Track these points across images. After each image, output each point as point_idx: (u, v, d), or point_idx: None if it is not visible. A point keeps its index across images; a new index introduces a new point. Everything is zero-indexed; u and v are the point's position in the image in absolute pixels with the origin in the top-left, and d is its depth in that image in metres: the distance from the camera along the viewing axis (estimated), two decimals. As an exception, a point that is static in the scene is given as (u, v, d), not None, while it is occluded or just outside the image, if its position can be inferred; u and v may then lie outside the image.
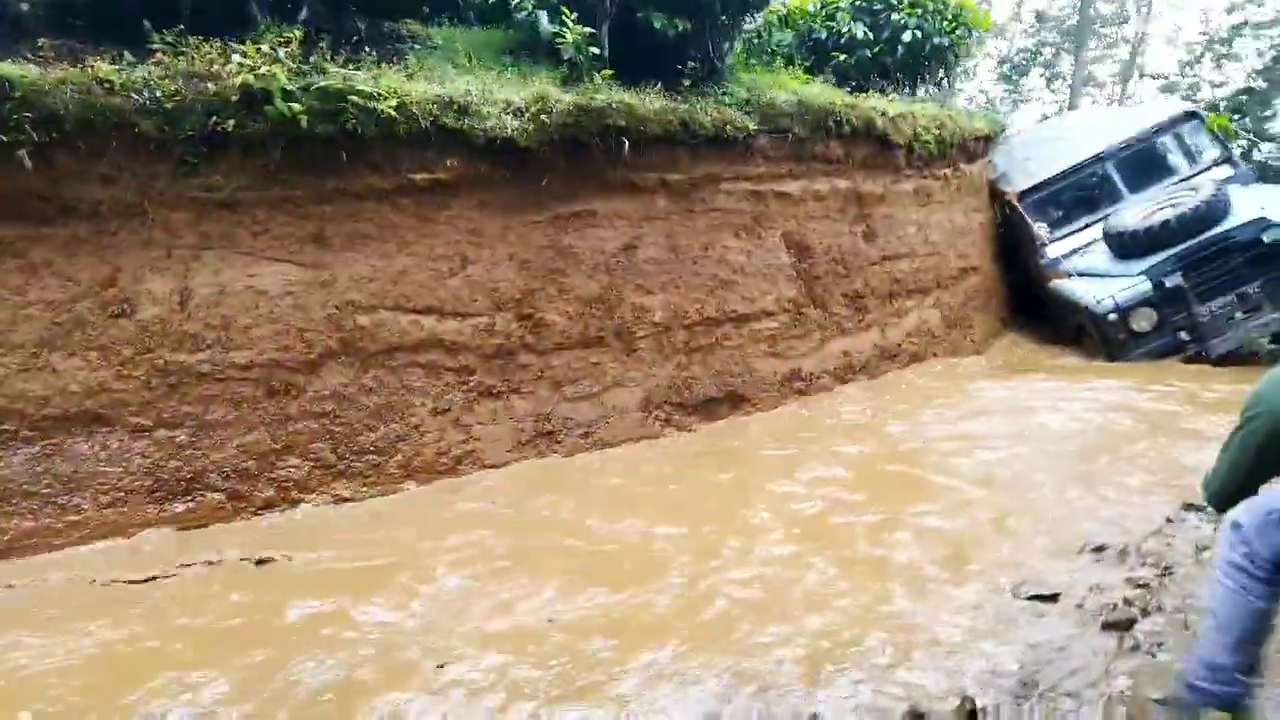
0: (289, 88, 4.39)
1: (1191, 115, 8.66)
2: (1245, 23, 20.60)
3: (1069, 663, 2.74)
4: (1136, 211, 7.73)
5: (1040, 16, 24.64)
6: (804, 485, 4.66)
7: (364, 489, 4.75)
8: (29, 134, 3.91)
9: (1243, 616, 2.12)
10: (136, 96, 4.16)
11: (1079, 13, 22.79)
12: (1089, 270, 7.90)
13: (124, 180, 4.19)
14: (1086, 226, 8.37)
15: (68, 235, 4.13)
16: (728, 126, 5.94)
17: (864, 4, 8.97)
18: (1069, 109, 22.30)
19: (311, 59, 4.66)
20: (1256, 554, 2.10)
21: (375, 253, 4.84)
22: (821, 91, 7.09)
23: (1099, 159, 8.52)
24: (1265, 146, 15.60)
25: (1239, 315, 6.99)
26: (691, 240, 6.02)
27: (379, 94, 4.64)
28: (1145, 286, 7.13)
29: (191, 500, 4.35)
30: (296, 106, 4.39)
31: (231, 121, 4.28)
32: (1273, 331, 7.09)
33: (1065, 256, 8.26)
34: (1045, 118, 21.32)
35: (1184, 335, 7.09)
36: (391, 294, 4.89)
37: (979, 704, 2.52)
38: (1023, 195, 8.80)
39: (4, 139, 3.86)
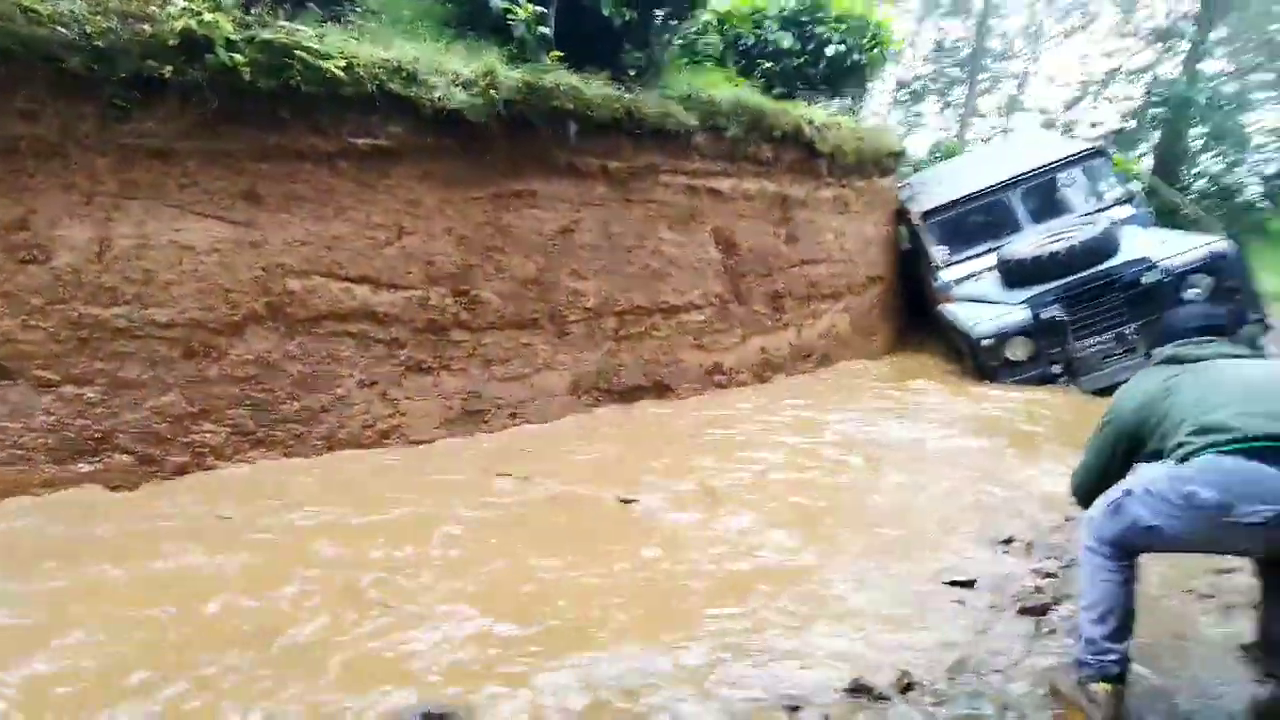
0: (233, 37, 4.18)
1: (1099, 153, 8.65)
2: (1120, 68, 22.29)
3: (991, 644, 2.91)
4: (1030, 241, 7.66)
5: (940, 45, 25.86)
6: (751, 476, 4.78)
7: (284, 459, 4.59)
8: (-63, 59, 3.60)
9: (1101, 592, 2.37)
10: (65, 31, 3.85)
11: (974, 45, 24.09)
12: (978, 296, 7.77)
13: (46, 118, 3.88)
14: (985, 253, 8.22)
15: (-24, 172, 3.81)
16: (670, 119, 6.02)
17: (791, 15, 9.20)
18: (958, 137, 23.51)
19: (253, 10, 4.45)
20: (1101, 538, 2.38)
21: (310, 216, 4.66)
22: (754, 95, 7.27)
23: (1003, 187, 8.46)
24: (1133, 185, 16.79)
25: (1115, 354, 6.84)
26: (627, 229, 6.07)
27: (326, 53, 4.48)
28: (1024, 315, 7.00)
29: (99, 461, 4.08)
30: (239, 58, 4.18)
31: (169, 67, 4.02)
32: None
33: (959, 281, 8.17)
34: (937, 144, 22.43)
35: (1057, 369, 6.98)
36: (324, 260, 4.72)
37: (915, 678, 2.68)
38: (925, 215, 8.70)
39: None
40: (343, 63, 4.52)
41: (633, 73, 6.12)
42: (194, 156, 4.26)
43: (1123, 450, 2.55)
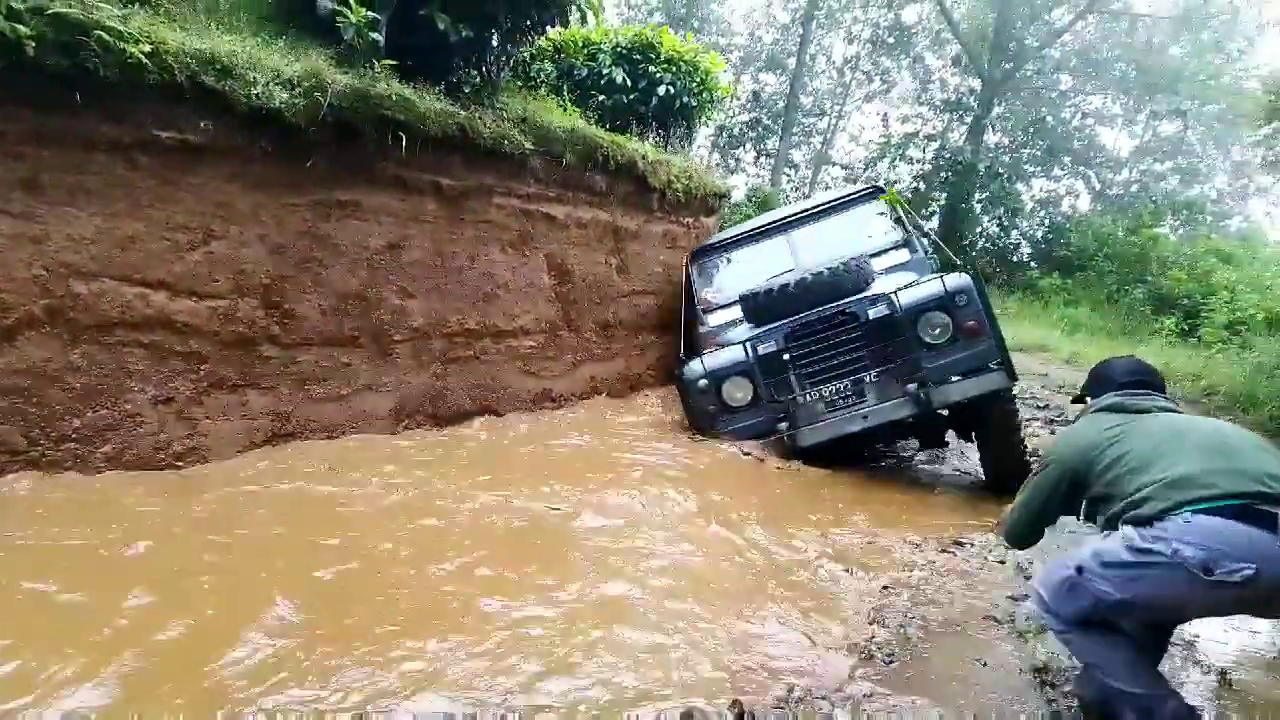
0: (15, 6, 3.69)
1: (875, 191, 7.57)
2: (917, 132, 24.53)
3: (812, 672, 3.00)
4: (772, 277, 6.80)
5: (757, 96, 27.33)
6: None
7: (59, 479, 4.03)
8: None
9: (1104, 655, 2.38)
10: None
11: (788, 99, 25.63)
12: (733, 339, 6.61)
13: None
14: None
15: None
16: (505, 141, 5.91)
17: (624, 51, 9.40)
18: (772, 184, 24.89)
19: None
20: (1062, 619, 2.42)
21: (101, 212, 4.16)
22: (589, 126, 7.32)
23: (773, 227, 7.61)
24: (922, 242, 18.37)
25: (845, 404, 5.84)
26: (459, 249, 5.88)
27: (130, 35, 4.06)
28: (739, 354, 6.04)
29: None
30: (23, 30, 3.69)
31: (-73, 30, 3.52)
32: (866, 427, 5.73)
33: (723, 327, 7.11)
34: (755, 189, 23.59)
35: (779, 416, 5.94)
36: (117, 261, 4.22)
37: (746, 707, 2.67)
38: (694, 256, 7.85)
39: None
40: (148, 48, 4.11)
41: (467, 90, 5.97)
42: (-40, 136, 3.72)
43: (1064, 491, 2.58)
